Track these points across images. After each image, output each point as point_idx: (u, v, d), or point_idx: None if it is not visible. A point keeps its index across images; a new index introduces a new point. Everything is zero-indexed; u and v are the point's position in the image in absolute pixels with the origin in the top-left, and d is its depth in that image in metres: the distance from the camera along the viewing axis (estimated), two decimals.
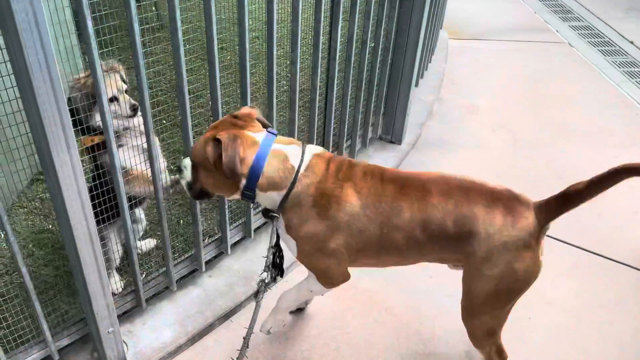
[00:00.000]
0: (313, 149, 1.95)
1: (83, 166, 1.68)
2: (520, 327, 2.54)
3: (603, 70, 5.30)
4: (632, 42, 5.96)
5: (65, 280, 2.57)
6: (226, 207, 2.57)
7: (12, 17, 1.33)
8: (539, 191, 1.94)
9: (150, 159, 2.13)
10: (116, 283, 2.49)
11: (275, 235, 2.03)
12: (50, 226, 2.88)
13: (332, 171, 1.89)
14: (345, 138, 3.38)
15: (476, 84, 4.98)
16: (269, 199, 1.92)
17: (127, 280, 2.55)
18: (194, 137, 2.26)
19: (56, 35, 1.72)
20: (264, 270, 1.92)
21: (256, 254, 2.83)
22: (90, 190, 2.00)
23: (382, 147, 3.85)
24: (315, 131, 3.00)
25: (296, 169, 1.87)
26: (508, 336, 2.49)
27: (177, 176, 2.42)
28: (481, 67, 5.34)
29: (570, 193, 1.78)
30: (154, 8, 4.97)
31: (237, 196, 1.95)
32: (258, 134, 1.90)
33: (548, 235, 3.09)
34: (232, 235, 2.75)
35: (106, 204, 2.15)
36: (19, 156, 1.89)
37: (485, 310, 1.95)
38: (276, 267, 2.14)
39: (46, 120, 1.51)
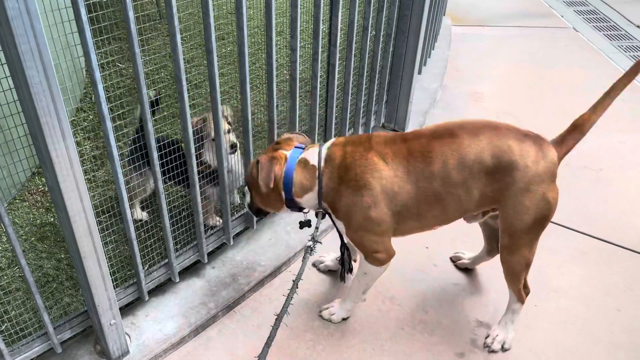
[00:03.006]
0: (331, 141, 2.12)
1: None
2: (526, 314, 2.52)
3: (609, 54, 5.23)
4: (638, 26, 5.88)
5: (67, 273, 2.56)
6: (227, 197, 2.55)
7: (2, 4, 1.30)
8: None
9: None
10: (137, 212, 2.79)
11: (339, 236, 2.32)
12: (52, 219, 2.87)
13: (351, 148, 2.05)
14: (347, 126, 3.34)
15: (480, 71, 4.92)
16: (308, 201, 2.15)
17: (129, 273, 2.54)
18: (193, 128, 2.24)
19: (49, 24, 1.68)
20: (310, 240, 2.17)
21: (259, 244, 2.81)
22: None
23: None
24: (317, 119, 2.96)
25: (316, 166, 2.07)
26: (514, 324, 2.47)
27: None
28: (485, 53, 5.28)
29: (578, 122, 2.06)
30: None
31: (286, 208, 2.22)
32: (289, 152, 2.16)
33: (554, 222, 3.09)
34: (234, 227, 2.73)
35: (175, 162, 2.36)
36: (16, 147, 1.87)
37: (525, 242, 2.08)
38: (345, 265, 2.52)
39: (40, 110, 1.48)
